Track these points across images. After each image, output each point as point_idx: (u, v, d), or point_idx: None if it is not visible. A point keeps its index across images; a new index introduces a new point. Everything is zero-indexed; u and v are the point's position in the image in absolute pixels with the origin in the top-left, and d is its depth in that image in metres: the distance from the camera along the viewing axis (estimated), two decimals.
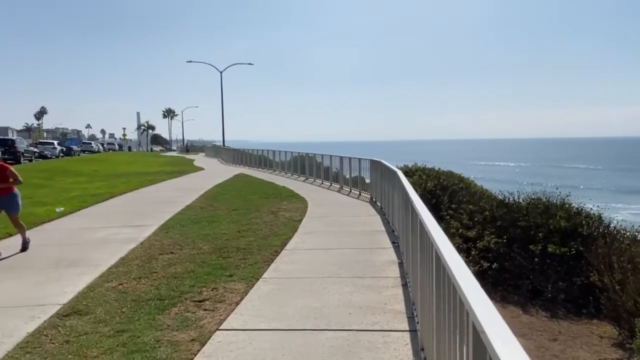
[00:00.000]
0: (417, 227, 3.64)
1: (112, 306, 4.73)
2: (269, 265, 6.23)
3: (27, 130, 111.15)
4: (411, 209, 4.21)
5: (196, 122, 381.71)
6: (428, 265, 2.96)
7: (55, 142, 49.30)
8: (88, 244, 7.70)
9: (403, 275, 5.48)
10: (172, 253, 6.91)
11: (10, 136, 50.28)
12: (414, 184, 8.27)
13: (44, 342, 3.91)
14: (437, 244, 2.45)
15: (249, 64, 60.48)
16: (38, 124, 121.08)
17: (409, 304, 4.54)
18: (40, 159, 37.26)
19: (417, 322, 3.89)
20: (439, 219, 9.38)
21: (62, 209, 11.15)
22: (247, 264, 6.27)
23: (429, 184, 12.70)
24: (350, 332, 4.00)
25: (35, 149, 39.10)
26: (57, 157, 41.85)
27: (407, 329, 4.03)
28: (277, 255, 6.77)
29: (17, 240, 7.47)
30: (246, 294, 5.07)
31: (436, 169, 14.70)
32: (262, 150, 28.65)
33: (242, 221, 9.54)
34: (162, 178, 20.67)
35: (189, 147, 77.98)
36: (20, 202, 7.36)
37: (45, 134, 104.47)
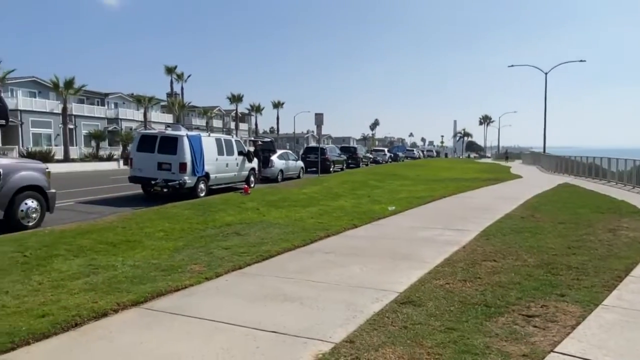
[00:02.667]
0: None
1: (440, 303, 5.04)
2: (610, 292, 5.39)
3: (363, 139, 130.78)
4: None
5: (512, 128, 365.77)
6: None
7: (385, 150, 56.42)
8: (415, 241, 8.45)
9: None
10: (494, 261, 6.83)
11: (352, 144, 60.26)
12: None
13: (386, 323, 4.52)
14: None
15: (580, 60, 53.92)
16: (372, 134, 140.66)
17: None
18: (374, 164, 43.41)
19: None
20: None
21: (394, 207, 12.62)
22: (582, 286, 5.60)
23: None
24: None
25: (370, 156, 45.83)
26: (386, 162, 47.85)
27: None
28: (620, 281, 5.79)
29: (364, 231, 8.87)
30: (583, 319, 4.53)
31: None
32: (593, 158, 25.00)
33: (571, 236, 8.57)
34: (478, 185, 20.73)
35: (506, 154, 75.41)
36: None
37: (377, 142, 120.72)
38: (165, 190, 14.62)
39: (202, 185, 15.27)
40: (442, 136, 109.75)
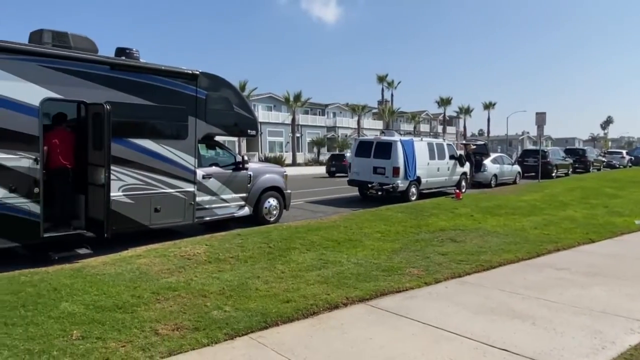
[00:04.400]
0: None
1: None
2: None
3: (592, 140, 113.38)
4: None
5: None
6: None
7: (624, 152, 47.67)
8: None
9: None
10: None
11: (577, 146, 52.81)
12: None
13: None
14: None
15: None
16: (604, 133, 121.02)
17: None
18: (608, 168, 37.12)
19: None
20: None
21: None
22: None
23: None
24: None
25: (603, 159, 39.35)
26: (625, 166, 40.33)
27: None
28: None
29: (604, 247, 7.66)
30: None
31: None
32: None
33: None
34: None
35: None
36: None
37: (609, 143, 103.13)
38: (379, 193, 15.26)
39: (413, 189, 15.43)
40: None
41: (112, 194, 7.37)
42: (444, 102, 67.98)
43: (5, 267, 6.44)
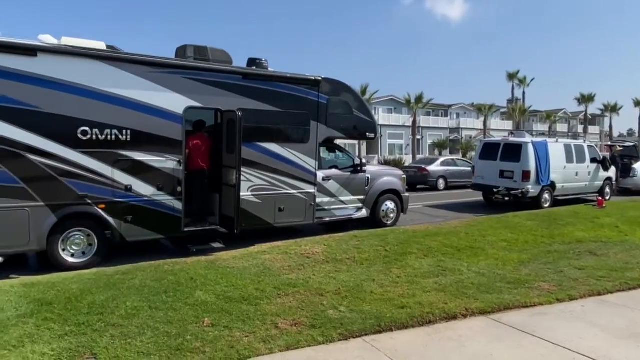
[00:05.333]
0: None
1: None
2: None
3: None
4: None
5: None
6: None
7: None
8: None
9: None
10: None
11: None
12: None
13: None
14: None
15: None
16: None
17: None
18: None
19: None
20: None
21: None
22: None
23: None
24: None
25: None
26: None
27: None
28: None
29: None
30: None
31: None
32: None
33: None
34: None
35: None
36: None
37: None
38: (506, 198, 14.28)
39: (546, 195, 14.14)
40: None
41: (241, 194, 7.98)
42: (586, 99, 61.14)
43: (151, 256, 7.35)
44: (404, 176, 11.38)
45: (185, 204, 7.75)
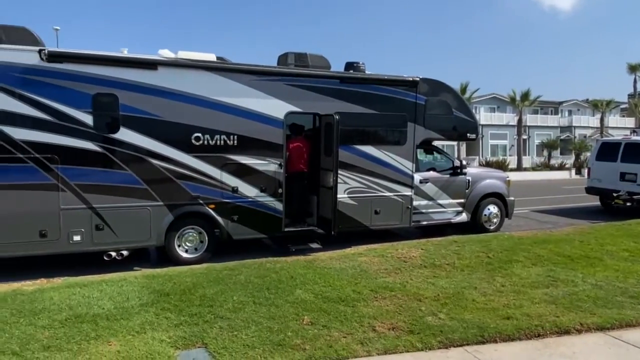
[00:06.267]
0: None
1: None
2: None
3: None
4: None
5: None
6: None
7: None
8: None
9: None
10: None
11: None
12: None
13: None
14: None
15: None
16: None
17: None
18: None
19: None
20: None
21: None
22: None
23: None
24: None
25: None
26: None
27: None
28: None
29: None
30: None
31: None
32: None
33: None
34: None
35: None
36: None
37: None
38: (628, 204, 12.84)
39: None
40: None
41: (338, 196, 8.11)
42: None
43: (254, 254, 7.75)
44: (509, 178, 10.74)
45: (285, 205, 8.06)
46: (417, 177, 9.19)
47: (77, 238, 6.80)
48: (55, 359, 3.96)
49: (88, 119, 6.73)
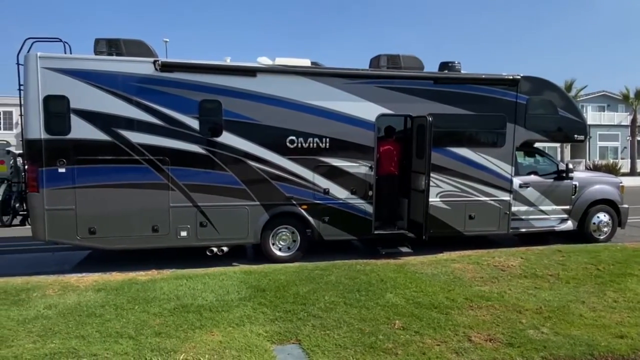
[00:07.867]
0: None
1: None
2: None
3: None
4: None
5: None
6: None
7: None
8: None
9: None
10: None
11: None
12: None
13: None
14: None
15: None
16: None
17: None
18: None
19: None
20: None
21: None
22: None
23: None
24: None
25: None
26: None
27: None
28: None
29: None
30: None
31: None
32: None
33: None
34: None
35: None
36: None
37: None
38: None
39: None
40: None
41: (430, 200, 7.92)
42: None
43: (345, 256, 7.84)
44: (622, 184, 9.76)
45: (375, 207, 8.05)
46: (517, 181, 8.69)
47: (184, 234, 7.37)
48: (165, 345, 4.32)
49: (195, 123, 7.26)
